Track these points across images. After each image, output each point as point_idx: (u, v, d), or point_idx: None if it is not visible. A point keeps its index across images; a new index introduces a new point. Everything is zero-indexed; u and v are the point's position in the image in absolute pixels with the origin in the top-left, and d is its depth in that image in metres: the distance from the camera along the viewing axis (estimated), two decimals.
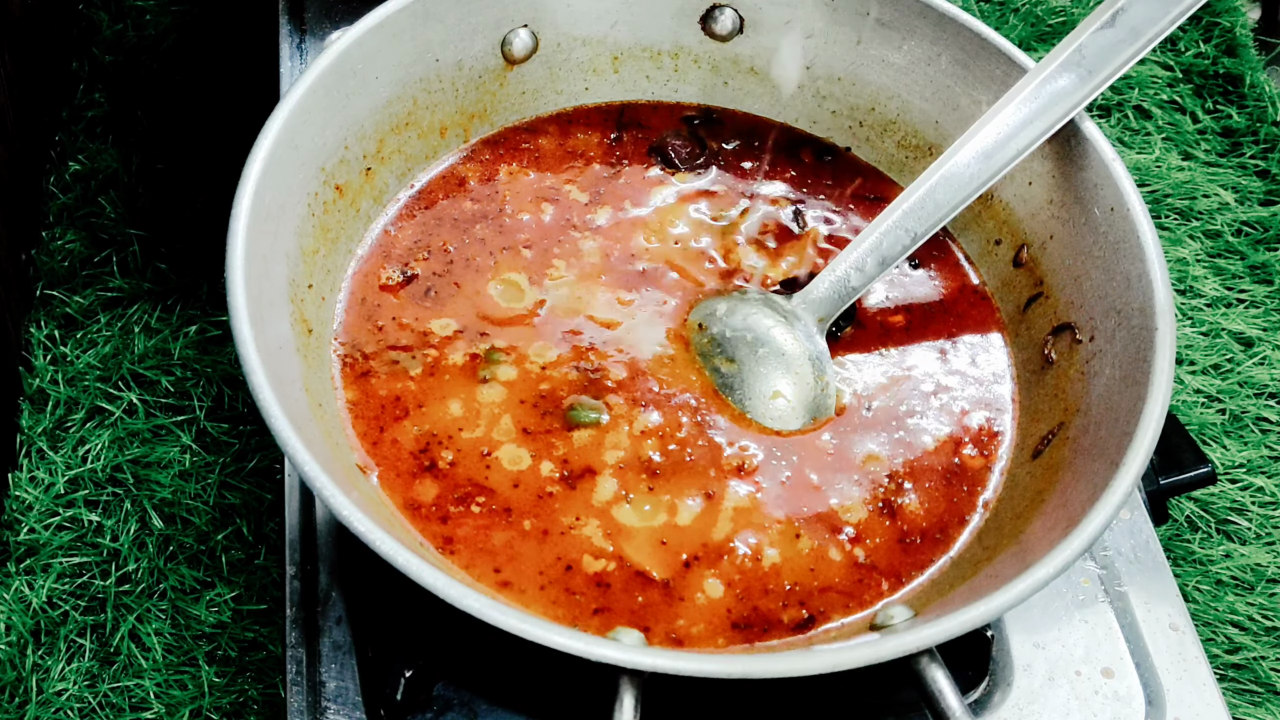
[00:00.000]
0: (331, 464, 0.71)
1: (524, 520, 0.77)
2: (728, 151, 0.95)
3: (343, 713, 0.78)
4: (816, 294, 0.86)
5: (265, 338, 0.72)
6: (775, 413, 0.82)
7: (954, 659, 0.68)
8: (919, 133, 0.93)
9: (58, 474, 1.09)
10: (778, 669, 0.64)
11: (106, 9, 1.42)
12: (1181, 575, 1.09)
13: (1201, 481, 0.94)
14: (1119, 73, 0.82)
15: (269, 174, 0.78)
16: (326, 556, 0.83)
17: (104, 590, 1.04)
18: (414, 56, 0.88)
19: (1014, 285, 0.88)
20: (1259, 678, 1.05)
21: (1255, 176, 1.38)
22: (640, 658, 0.62)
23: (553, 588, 0.75)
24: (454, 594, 0.63)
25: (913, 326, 0.88)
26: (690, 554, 0.76)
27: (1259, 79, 1.44)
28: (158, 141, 1.31)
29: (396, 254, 0.87)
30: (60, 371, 1.14)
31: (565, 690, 0.77)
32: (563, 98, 0.96)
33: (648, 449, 0.80)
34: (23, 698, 0.99)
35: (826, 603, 0.75)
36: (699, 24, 0.95)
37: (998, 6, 1.47)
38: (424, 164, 0.92)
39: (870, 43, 0.93)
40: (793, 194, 0.93)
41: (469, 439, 0.79)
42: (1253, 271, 1.30)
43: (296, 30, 1.11)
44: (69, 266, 1.22)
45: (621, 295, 0.87)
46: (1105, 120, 1.40)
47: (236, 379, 1.15)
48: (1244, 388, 1.21)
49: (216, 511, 1.08)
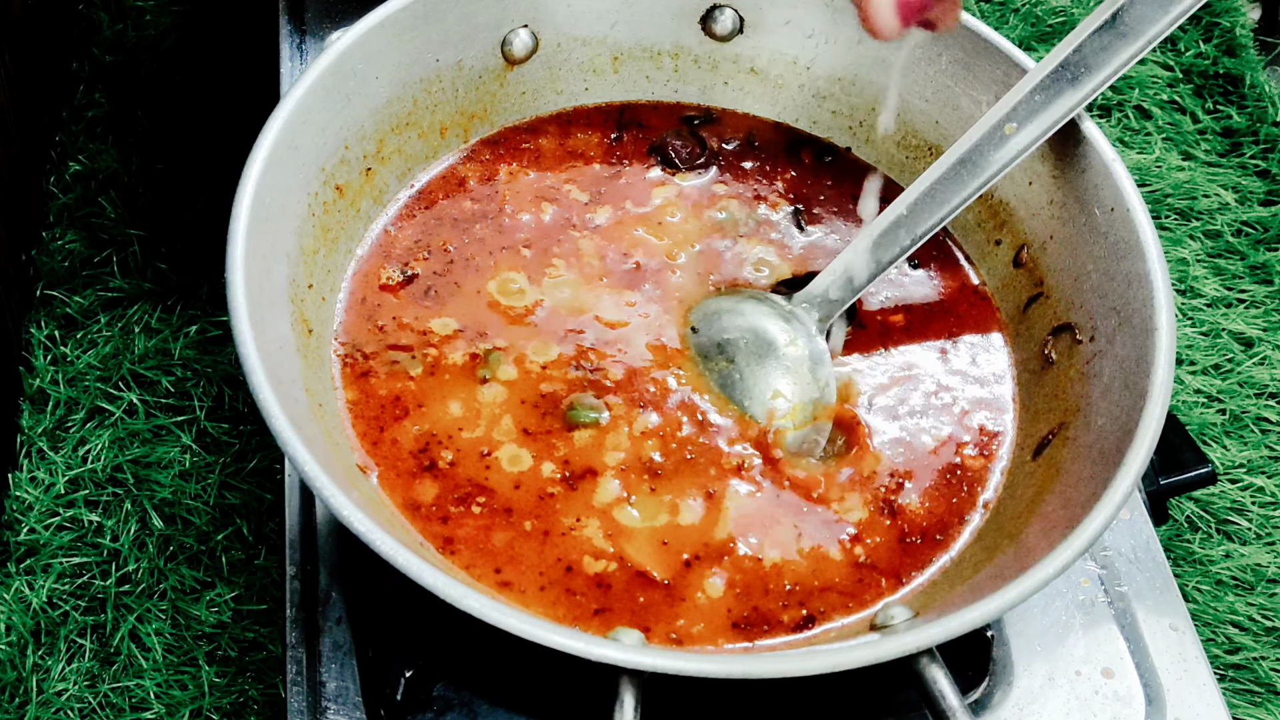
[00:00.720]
0: (331, 464, 0.71)
1: (524, 521, 0.77)
2: (728, 151, 0.95)
3: (343, 713, 0.78)
4: (816, 294, 0.86)
5: (265, 338, 0.72)
6: (775, 413, 0.82)
7: (954, 659, 0.68)
8: (919, 133, 0.93)
9: (58, 474, 1.09)
10: (778, 669, 0.64)
11: (106, 9, 1.42)
12: (1181, 575, 1.09)
13: (1201, 481, 0.94)
14: (1119, 73, 0.82)
15: (269, 174, 0.78)
16: (326, 556, 0.83)
17: (104, 590, 1.04)
18: (414, 56, 0.88)
19: (1014, 285, 0.88)
20: (1259, 678, 1.05)
21: (1255, 176, 1.38)
22: (640, 658, 0.62)
23: (553, 588, 0.75)
24: (454, 594, 0.63)
25: (913, 326, 0.88)
26: (691, 554, 0.76)
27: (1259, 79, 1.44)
28: (158, 141, 1.31)
29: (396, 254, 0.87)
30: (60, 371, 1.14)
31: (565, 690, 0.77)
32: (563, 98, 0.96)
33: (648, 449, 0.80)
34: (23, 698, 0.99)
35: (826, 603, 0.75)
36: (699, 24, 0.95)
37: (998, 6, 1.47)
38: (424, 164, 0.92)
39: (870, 43, 0.92)
40: (793, 194, 0.93)
41: (469, 439, 0.79)
42: (1253, 271, 1.30)
43: (296, 30, 1.11)
44: (69, 266, 1.22)
45: (621, 295, 0.87)
46: (1105, 120, 1.40)
47: (236, 379, 1.15)
48: (1244, 388, 1.21)
49: (216, 511, 1.08)
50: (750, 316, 0.85)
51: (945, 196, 0.83)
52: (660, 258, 0.89)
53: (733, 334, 0.84)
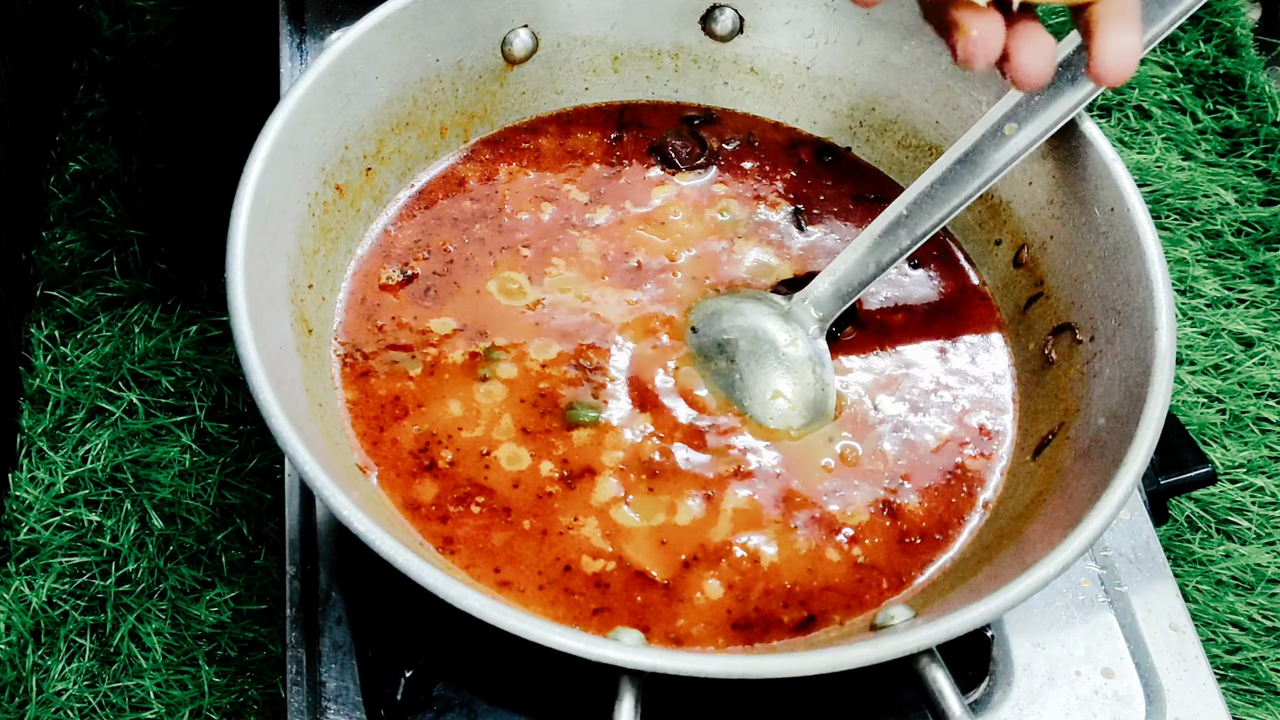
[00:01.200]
0: (331, 464, 0.71)
1: (524, 520, 0.77)
2: (728, 151, 0.95)
3: (343, 713, 0.78)
4: (816, 294, 0.85)
5: (265, 338, 0.72)
6: (775, 413, 0.82)
7: (954, 659, 0.68)
8: (919, 133, 0.93)
9: (58, 474, 1.09)
10: (778, 669, 0.64)
11: (106, 9, 1.42)
12: (1181, 575, 1.09)
13: (1201, 481, 0.94)
14: None
15: (269, 174, 0.78)
16: (326, 556, 0.83)
17: (104, 590, 1.04)
18: (414, 56, 0.88)
19: (1014, 285, 0.88)
20: (1259, 678, 1.05)
21: (1255, 176, 1.38)
22: (640, 658, 0.62)
23: (552, 588, 0.75)
24: (454, 594, 0.63)
25: (913, 326, 0.88)
26: (690, 554, 0.76)
27: (1259, 79, 1.44)
28: (158, 141, 1.31)
29: (396, 254, 0.87)
30: (60, 371, 1.14)
31: (565, 690, 0.77)
32: (563, 98, 0.96)
33: (647, 449, 0.80)
34: (23, 698, 0.99)
35: (826, 603, 0.75)
36: (699, 24, 0.95)
37: None
38: (424, 164, 0.92)
39: (870, 43, 0.93)
40: (793, 194, 0.93)
41: (468, 439, 0.79)
42: (1253, 271, 1.30)
43: (296, 30, 1.11)
44: (69, 266, 1.22)
45: (621, 294, 0.87)
46: (1105, 120, 1.40)
47: (236, 379, 1.15)
48: (1244, 388, 1.21)
49: (216, 511, 1.08)
50: (750, 316, 0.85)
51: (945, 196, 0.83)
52: (660, 258, 0.89)
53: (733, 334, 0.84)
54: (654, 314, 0.86)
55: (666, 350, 0.84)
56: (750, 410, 0.82)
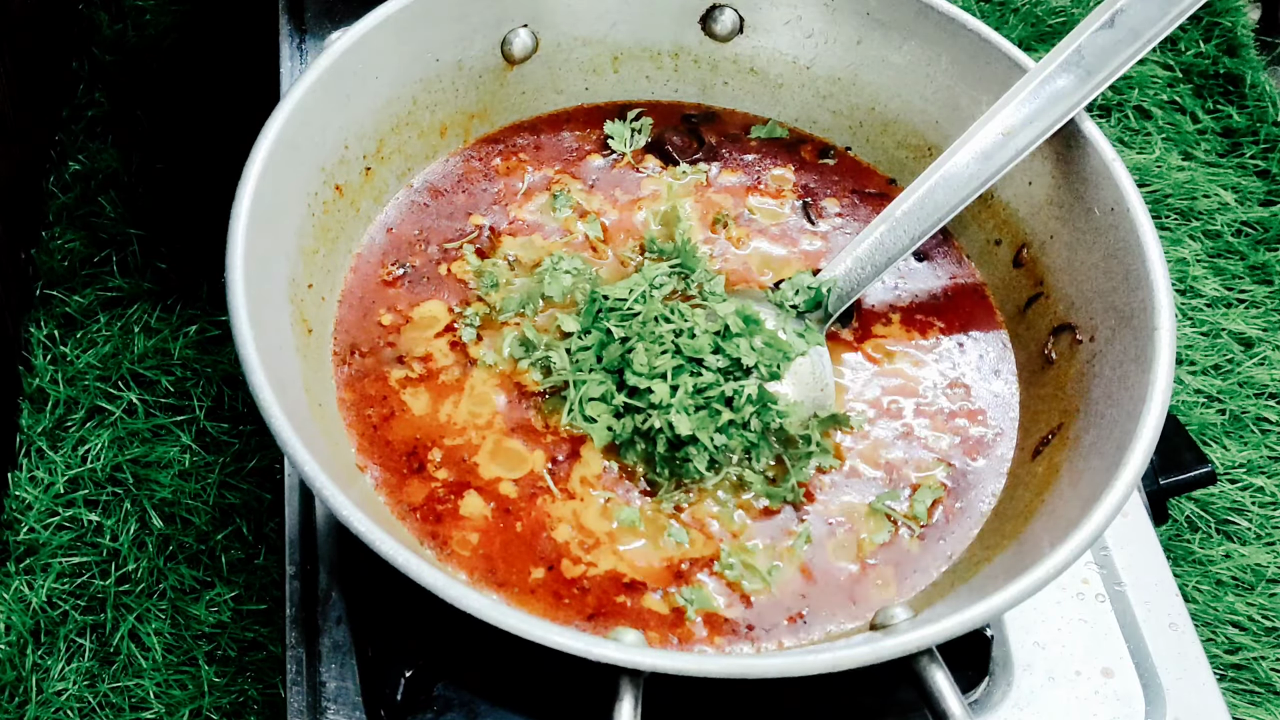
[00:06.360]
0: (331, 464, 0.71)
1: (517, 521, 0.77)
2: (727, 150, 0.95)
3: (343, 713, 0.78)
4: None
5: (265, 338, 0.72)
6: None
7: (954, 659, 0.68)
8: (919, 133, 0.93)
9: (57, 474, 1.09)
10: (778, 669, 0.64)
11: (106, 9, 1.42)
12: (1181, 575, 1.09)
13: (1201, 481, 0.94)
14: (1119, 73, 0.82)
15: (269, 174, 0.78)
16: (326, 556, 0.83)
17: (104, 590, 1.04)
18: (414, 56, 0.88)
19: (1014, 285, 0.88)
20: (1259, 678, 1.05)
21: (1255, 176, 1.38)
22: (640, 658, 0.62)
23: (546, 588, 0.74)
24: (454, 594, 0.63)
25: (912, 326, 0.88)
26: (687, 555, 0.76)
27: (1259, 79, 1.44)
28: (158, 141, 1.31)
29: (395, 253, 0.87)
30: (60, 371, 1.14)
31: (565, 690, 0.77)
32: (563, 97, 0.96)
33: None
34: (23, 697, 0.99)
35: (826, 603, 0.75)
36: (699, 24, 0.95)
37: (998, 6, 1.47)
38: (424, 163, 0.92)
39: (870, 43, 0.93)
40: (792, 194, 0.93)
41: (464, 439, 0.79)
42: (1253, 271, 1.30)
43: (296, 30, 1.11)
44: (69, 266, 1.22)
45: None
46: (1105, 120, 1.40)
47: (236, 379, 1.15)
48: (1244, 388, 1.21)
49: (216, 511, 1.08)
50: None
51: (945, 197, 0.84)
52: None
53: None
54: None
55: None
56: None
